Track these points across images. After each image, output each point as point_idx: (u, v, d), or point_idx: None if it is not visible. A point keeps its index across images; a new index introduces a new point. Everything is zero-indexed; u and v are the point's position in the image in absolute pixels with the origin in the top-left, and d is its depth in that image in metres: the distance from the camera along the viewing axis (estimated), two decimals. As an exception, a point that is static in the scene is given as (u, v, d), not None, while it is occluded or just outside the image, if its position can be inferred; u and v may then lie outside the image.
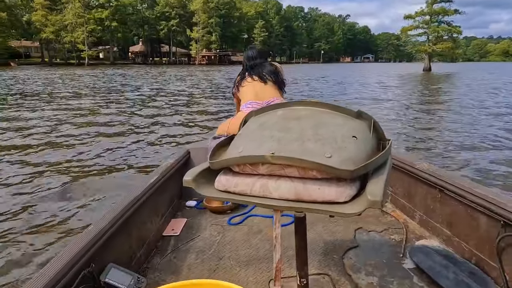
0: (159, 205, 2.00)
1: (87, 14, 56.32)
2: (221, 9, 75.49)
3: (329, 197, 0.89)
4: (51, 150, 5.69)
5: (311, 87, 18.38)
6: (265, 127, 1.09)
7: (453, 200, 1.70)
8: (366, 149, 0.98)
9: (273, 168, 0.96)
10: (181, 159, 2.40)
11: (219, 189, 1.04)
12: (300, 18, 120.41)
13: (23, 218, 3.17)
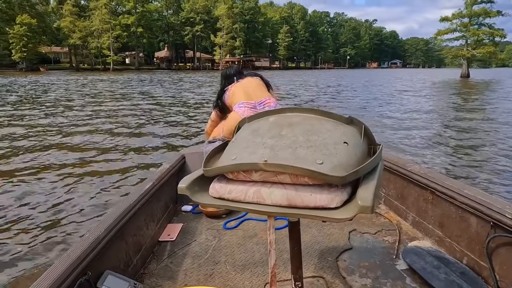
0: (154, 210, 2.00)
1: (113, 20, 56.73)
2: (245, 14, 74.94)
3: (321, 202, 0.91)
4: (60, 150, 5.80)
5: (333, 95, 16.76)
6: (258, 134, 1.11)
7: (444, 201, 1.73)
8: (357, 155, 1.00)
9: (266, 175, 0.98)
10: (176, 164, 2.39)
11: (213, 196, 1.06)
12: (325, 23, 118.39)
13: (17, 227, 3.10)
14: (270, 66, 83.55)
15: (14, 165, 5.05)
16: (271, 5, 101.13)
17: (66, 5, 56.16)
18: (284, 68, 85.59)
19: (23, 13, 50.73)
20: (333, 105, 12.41)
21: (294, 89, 19.80)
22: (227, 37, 68.62)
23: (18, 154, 5.66)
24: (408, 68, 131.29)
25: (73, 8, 56.19)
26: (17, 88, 19.30)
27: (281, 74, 45.53)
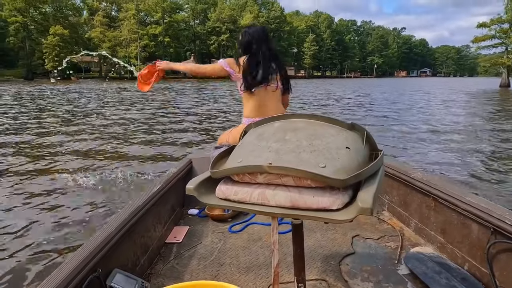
0: (162, 213, 2.04)
1: (140, 30, 57.87)
2: (271, 23, 74.83)
3: (323, 204, 0.95)
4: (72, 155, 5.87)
5: (366, 107, 15.69)
6: (263, 138, 1.15)
7: (446, 208, 1.75)
8: (358, 159, 1.03)
9: (270, 177, 1.02)
10: (183, 168, 2.43)
11: (219, 197, 1.09)
12: (352, 32, 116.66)
13: (33, 226, 3.21)
14: (295, 75, 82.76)
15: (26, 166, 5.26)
16: (297, 14, 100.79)
17: (97, 16, 57.93)
18: (309, 77, 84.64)
19: (57, 24, 52.53)
20: (370, 120, 11.42)
21: (322, 100, 18.88)
22: (252, 46, 68.61)
23: (27, 156, 5.92)
24: (439, 77, 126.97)
25: (103, 19, 57.86)
26: (37, 96, 19.49)
27: (306, 84, 44.67)
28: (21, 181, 4.53)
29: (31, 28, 54.02)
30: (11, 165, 5.32)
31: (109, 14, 62.76)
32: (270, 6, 79.60)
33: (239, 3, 75.34)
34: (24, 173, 4.90)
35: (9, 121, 9.77)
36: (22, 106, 14.20)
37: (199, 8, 72.69)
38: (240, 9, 73.59)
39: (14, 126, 8.95)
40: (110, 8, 65.78)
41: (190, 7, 73.56)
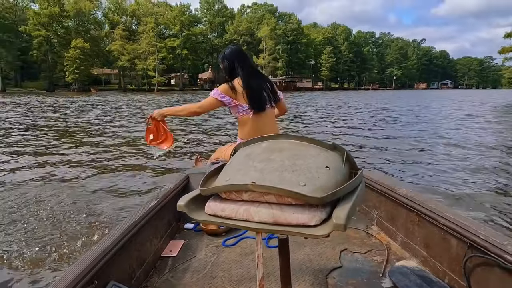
0: (158, 227, 2.10)
1: (159, 43, 58.73)
2: (288, 35, 74.87)
3: (302, 220, 1.02)
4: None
5: (389, 122, 14.78)
6: (251, 157, 1.24)
7: (428, 223, 1.82)
8: (337, 178, 1.11)
9: (254, 195, 1.10)
10: (180, 183, 2.50)
11: (208, 213, 1.17)
12: (370, 44, 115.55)
13: (29, 237, 3.19)
14: (312, 86, 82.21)
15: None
16: (315, 26, 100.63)
17: (117, 29, 59.14)
18: (327, 89, 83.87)
19: (78, 38, 53.88)
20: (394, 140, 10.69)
21: (340, 113, 18.19)
22: (269, 58, 68.64)
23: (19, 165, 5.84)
24: (461, 89, 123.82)
25: (123, 32, 59.00)
26: (48, 108, 19.58)
27: (323, 95, 43.97)
28: (20, 188, 4.56)
29: (53, 41, 55.62)
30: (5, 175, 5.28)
31: (129, 28, 64.07)
32: (287, 19, 79.76)
33: (257, 16, 75.79)
34: (22, 181, 4.92)
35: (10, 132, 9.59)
36: (24, 116, 14.15)
37: (216, 21, 73.55)
38: (257, 22, 73.95)
39: (14, 137, 8.72)
40: (130, 22, 67.23)
41: (208, 20, 74.51)
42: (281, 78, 74.14)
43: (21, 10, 58.92)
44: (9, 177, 5.23)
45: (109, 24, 64.80)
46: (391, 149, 7.51)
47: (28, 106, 21.18)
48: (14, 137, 9.10)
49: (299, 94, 47.89)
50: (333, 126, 11.67)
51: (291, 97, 36.88)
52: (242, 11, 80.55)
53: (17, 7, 60.07)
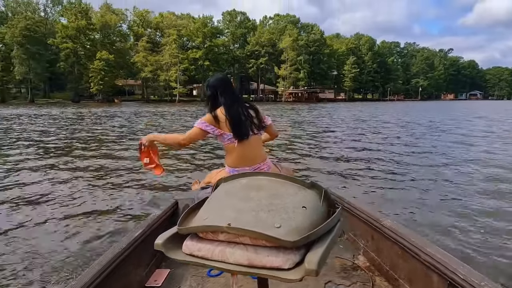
0: (144, 256, 2.06)
1: (181, 54, 59.38)
2: (310, 46, 74.27)
3: (276, 263, 1.02)
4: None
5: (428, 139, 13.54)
6: (229, 195, 1.27)
7: (411, 257, 1.80)
8: (313, 218, 1.12)
9: (230, 236, 1.10)
10: (168, 210, 2.46)
11: (185, 252, 1.17)
12: (395, 54, 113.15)
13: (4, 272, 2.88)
14: (335, 97, 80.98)
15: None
16: (337, 37, 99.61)
17: (141, 41, 60.30)
18: (349, 100, 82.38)
19: (103, 50, 55.21)
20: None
21: (367, 126, 17.20)
22: (291, 69, 68.11)
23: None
24: (491, 100, 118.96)
25: (146, 44, 60.06)
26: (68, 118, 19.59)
27: (346, 107, 42.83)
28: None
29: (80, 53, 57.18)
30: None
31: (152, 40, 65.27)
32: (309, 29, 79.28)
33: (278, 27, 75.68)
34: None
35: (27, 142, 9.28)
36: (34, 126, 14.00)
37: (238, 32, 73.90)
38: (279, 33, 73.79)
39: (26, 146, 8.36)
40: (154, 34, 68.51)
41: (230, 32, 74.95)
42: (303, 89, 73.40)
43: (51, 24, 61.13)
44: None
45: (134, 36, 66.22)
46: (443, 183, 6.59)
47: (44, 118, 21.32)
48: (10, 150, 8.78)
49: (322, 105, 46.94)
50: (359, 145, 10.79)
51: (311, 109, 36.03)
52: (264, 22, 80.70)
53: (47, 21, 62.48)
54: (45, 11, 66.62)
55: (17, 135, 12.27)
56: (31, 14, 59.38)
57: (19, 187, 5.39)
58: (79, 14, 55.89)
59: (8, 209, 4.37)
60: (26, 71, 53.31)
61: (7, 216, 4.12)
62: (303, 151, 8.91)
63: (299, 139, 11.43)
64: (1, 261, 3.03)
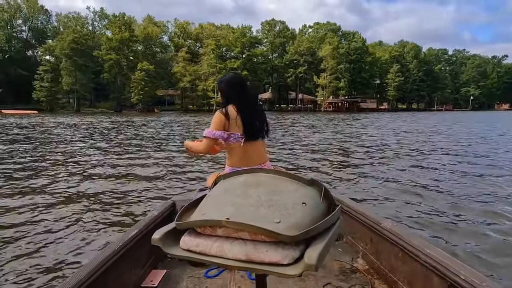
0: (140, 256, 2.05)
1: (219, 64, 59.45)
2: (351, 54, 71.72)
3: (274, 259, 1.00)
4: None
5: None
6: (228, 191, 1.25)
7: (411, 259, 1.78)
8: (313, 215, 1.11)
9: (228, 231, 1.09)
10: (165, 211, 2.45)
11: (182, 248, 1.15)
12: (443, 61, 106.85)
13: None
14: (377, 107, 77.42)
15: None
16: (380, 45, 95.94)
17: (181, 52, 61.17)
18: (393, 110, 78.38)
19: (144, 61, 56.54)
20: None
21: (427, 139, 15.19)
22: (330, 77, 65.93)
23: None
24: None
25: (186, 54, 60.82)
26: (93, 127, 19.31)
27: (390, 117, 40.09)
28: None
29: (123, 64, 58.95)
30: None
31: (192, 50, 66.16)
32: (351, 37, 76.78)
33: (318, 35, 73.97)
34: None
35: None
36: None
37: (277, 41, 73.07)
38: (319, 41, 72.07)
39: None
40: (194, 45, 69.51)
41: (269, 41, 74.33)
42: (343, 98, 70.82)
43: (97, 37, 63.83)
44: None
45: (174, 47, 67.52)
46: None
47: (76, 126, 21.29)
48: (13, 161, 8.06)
49: (364, 115, 44.45)
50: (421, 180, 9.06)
51: (351, 120, 33.89)
52: (304, 31, 79.35)
53: (94, 34, 65.37)
54: (93, 25, 69.91)
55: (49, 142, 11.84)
56: (79, 28, 62.35)
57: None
58: (123, 26, 57.79)
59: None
60: (73, 82, 55.67)
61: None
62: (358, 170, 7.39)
63: (352, 155, 9.86)
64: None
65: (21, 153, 9.76)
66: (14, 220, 4.07)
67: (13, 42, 65.32)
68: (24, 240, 3.51)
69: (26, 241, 3.48)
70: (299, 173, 1.21)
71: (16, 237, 3.60)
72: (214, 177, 2.26)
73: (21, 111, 44.75)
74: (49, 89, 55.09)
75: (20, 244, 3.42)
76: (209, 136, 2.11)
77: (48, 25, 69.87)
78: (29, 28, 67.73)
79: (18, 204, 4.72)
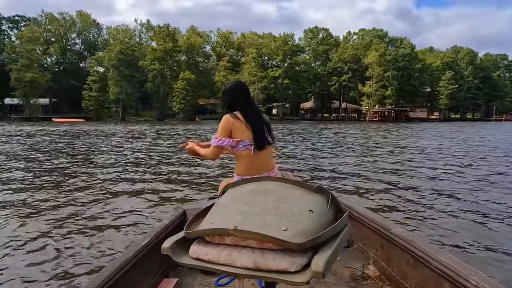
0: (151, 265, 2.05)
1: (259, 72, 58.81)
2: (399, 61, 67.96)
3: (282, 266, 1.01)
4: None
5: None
6: (236, 199, 1.27)
7: (422, 265, 1.77)
8: (320, 222, 1.12)
9: (236, 239, 1.10)
10: (176, 219, 2.45)
11: (192, 256, 1.17)
12: (502, 68, 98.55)
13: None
14: (427, 117, 72.45)
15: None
16: (431, 51, 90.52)
17: (222, 61, 61.36)
18: (445, 120, 73.02)
19: (186, 70, 57.28)
20: None
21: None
22: (377, 85, 62.73)
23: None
24: None
25: (227, 63, 60.86)
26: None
27: (442, 128, 36.68)
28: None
29: (166, 74, 60.16)
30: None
31: (233, 60, 66.23)
32: (398, 43, 72.99)
33: (364, 42, 71.04)
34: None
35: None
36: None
37: (320, 49, 71.09)
38: (364, 48, 69.18)
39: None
40: (236, 54, 69.63)
41: (312, 49, 72.62)
42: (390, 107, 67.13)
43: (144, 48, 65.90)
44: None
45: (217, 57, 68.00)
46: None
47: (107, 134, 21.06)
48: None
49: (414, 125, 41.23)
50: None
51: (390, 129, 31.26)
52: (348, 38, 76.65)
53: (141, 46, 67.61)
54: (140, 37, 72.44)
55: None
56: (127, 40, 64.75)
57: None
58: (167, 37, 59.10)
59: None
60: (119, 91, 57.58)
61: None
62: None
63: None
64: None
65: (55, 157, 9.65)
66: (34, 228, 4.12)
67: (67, 55, 69.37)
68: (47, 240, 3.69)
69: (51, 241, 3.65)
70: (308, 182, 1.20)
71: (33, 239, 3.73)
72: (224, 185, 2.23)
73: (70, 120, 46.74)
74: (97, 99, 57.42)
75: (44, 246, 3.56)
76: (217, 144, 2.10)
77: (99, 37, 73.55)
78: (82, 41, 71.64)
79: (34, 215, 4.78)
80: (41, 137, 19.56)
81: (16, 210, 4.96)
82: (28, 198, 5.60)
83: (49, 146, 14.51)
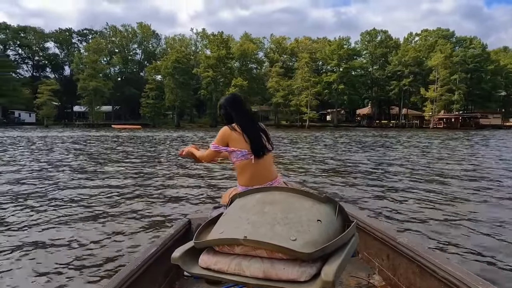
0: (157, 275, 2.03)
1: (312, 78, 56.97)
2: (468, 63, 61.97)
3: (292, 276, 1.02)
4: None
5: None
6: (244, 209, 1.28)
7: (428, 275, 1.75)
8: (328, 231, 1.14)
9: (246, 249, 1.12)
10: (181, 229, 2.45)
11: (201, 266, 1.18)
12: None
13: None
14: (502, 123, 65.03)
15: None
16: (505, 51, 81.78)
17: (275, 67, 60.50)
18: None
19: (238, 77, 57.28)
20: None
21: None
22: (442, 90, 57.56)
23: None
24: None
25: (279, 69, 59.90)
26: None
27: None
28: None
29: (219, 81, 60.74)
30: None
31: (286, 65, 65.16)
32: (467, 44, 66.76)
33: (427, 43, 66.05)
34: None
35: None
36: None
37: (378, 52, 67.34)
38: (427, 50, 64.24)
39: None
40: (289, 59, 68.47)
41: (369, 52, 69.10)
42: (457, 113, 61.33)
43: (199, 56, 67.45)
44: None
45: (270, 63, 67.39)
46: None
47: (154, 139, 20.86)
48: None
49: (482, 134, 36.73)
50: None
51: (459, 139, 27.64)
52: (409, 39, 71.83)
53: (196, 54, 69.29)
54: (195, 45, 74.39)
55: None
56: (183, 49, 66.71)
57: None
58: (221, 45, 59.74)
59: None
60: (174, 98, 59.21)
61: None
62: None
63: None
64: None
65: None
66: (46, 234, 4.04)
67: (129, 64, 73.33)
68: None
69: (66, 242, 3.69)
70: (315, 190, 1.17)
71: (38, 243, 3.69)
72: (229, 194, 2.24)
73: (128, 126, 48.85)
74: (154, 106, 59.58)
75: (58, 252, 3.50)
76: (214, 149, 2.18)
77: (158, 47, 76.84)
78: (142, 51, 75.33)
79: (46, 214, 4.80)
80: (99, 142, 19.85)
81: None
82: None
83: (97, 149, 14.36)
